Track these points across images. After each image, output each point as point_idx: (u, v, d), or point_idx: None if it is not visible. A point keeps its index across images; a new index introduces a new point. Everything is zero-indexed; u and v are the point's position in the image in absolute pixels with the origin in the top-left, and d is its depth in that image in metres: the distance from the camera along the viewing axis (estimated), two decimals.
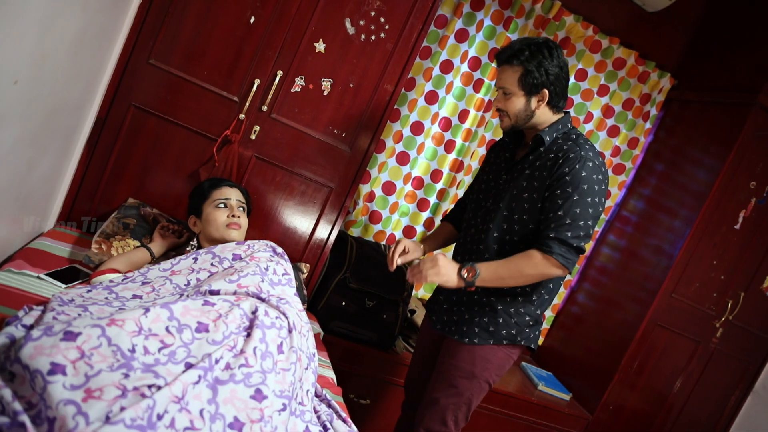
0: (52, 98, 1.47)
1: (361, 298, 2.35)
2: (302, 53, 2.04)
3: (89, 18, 1.52)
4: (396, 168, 2.77)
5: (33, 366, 0.97)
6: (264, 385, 1.15)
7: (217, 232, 1.74)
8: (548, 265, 1.60)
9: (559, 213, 1.59)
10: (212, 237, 1.75)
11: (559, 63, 1.66)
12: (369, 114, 2.17)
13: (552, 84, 1.66)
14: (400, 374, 2.43)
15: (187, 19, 1.94)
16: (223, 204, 1.77)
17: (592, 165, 1.61)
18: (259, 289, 1.41)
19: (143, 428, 0.94)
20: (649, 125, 3.11)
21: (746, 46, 2.80)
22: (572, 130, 1.73)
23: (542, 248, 1.60)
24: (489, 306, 1.75)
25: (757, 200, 2.79)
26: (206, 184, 1.83)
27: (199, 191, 1.83)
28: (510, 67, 1.66)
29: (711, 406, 3.12)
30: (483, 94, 2.78)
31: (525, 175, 1.70)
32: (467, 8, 2.66)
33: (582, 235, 1.60)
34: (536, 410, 2.72)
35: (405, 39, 2.12)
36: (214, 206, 1.76)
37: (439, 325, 1.86)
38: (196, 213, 1.81)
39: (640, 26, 2.99)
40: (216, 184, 1.83)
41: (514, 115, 1.70)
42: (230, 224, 1.74)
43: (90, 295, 1.38)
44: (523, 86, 1.66)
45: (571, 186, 1.59)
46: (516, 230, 1.70)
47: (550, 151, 1.68)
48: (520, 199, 1.69)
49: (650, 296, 2.77)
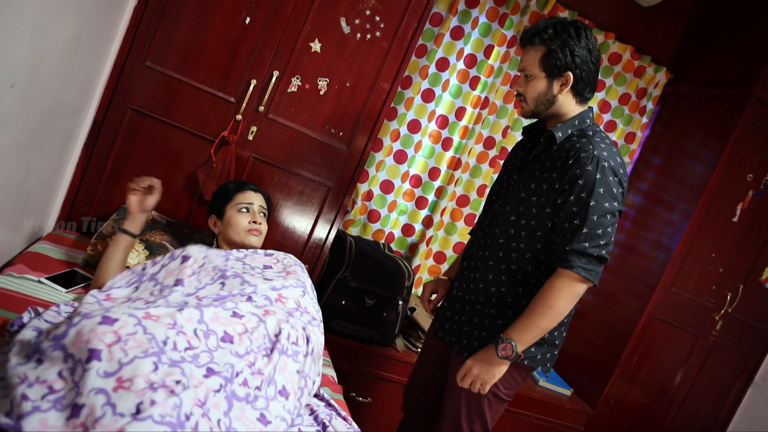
0: (48, 101, 1.47)
1: (361, 297, 2.35)
2: (298, 53, 2.05)
3: (85, 21, 1.52)
4: (394, 166, 2.77)
5: (76, 355, 1.02)
6: (267, 411, 1.18)
7: (237, 236, 1.72)
8: (571, 283, 1.46)
9: (575, 222, 1.45)
10: (232, 240, 1.73)
11: (587, 45, 1.51)
12: (366, 113, 2.17)
13: (578, 67, 1.51)
14: (400, 372, 2.44)
15: (183, 20, 1.94)
16: (246, 209, 1.75)
17: (607, 165, 1.45)
18: (298, 303, 1.45)
19: (173, 426, 0.95)
20: (646, 120, 3.12)
21: (741, 38, 2.81)
22: (590, 126, 1.57)
23: (561, 263, 1.47)
24: (488, 318, 1.63)
25: (755, 193, 2.80)
26: (231, 186, 1.82)
27: (223, 193, 1.81)
28: (532, 47, 1.53)
29: (712, 398, 3.13)
30: (479, 91, 2.78)
31: (534, 177, 1.56)
32: (462, 6, 2.66)
33: (602, 243, 1.46)
34: (537, 406, 2.73)
35: (400, 37, 2.12)
36: (236, 210, 1.74)
37: (440, 332, 1.76)
38: (218, 214, 1.79)
39: (635, 21, 3.00)
40: (241, 187, 1.81)
41: (533, 99, 1.56)
42: (251, 230, 1.72)
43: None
44: (545, 67, 1.52)
45: (585, 190, 1.44)
46: (522, 237, 1.56)
47: (561, 149, 1.53)
48: (527, 203, 1.56)
49: (649, 290, 2.78)
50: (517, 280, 1.59)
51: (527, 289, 1.58)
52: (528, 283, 1.58)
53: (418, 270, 2.90)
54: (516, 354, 1.48)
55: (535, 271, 1.57)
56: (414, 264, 2.88)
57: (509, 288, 1.60)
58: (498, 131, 2.88)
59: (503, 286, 1.60)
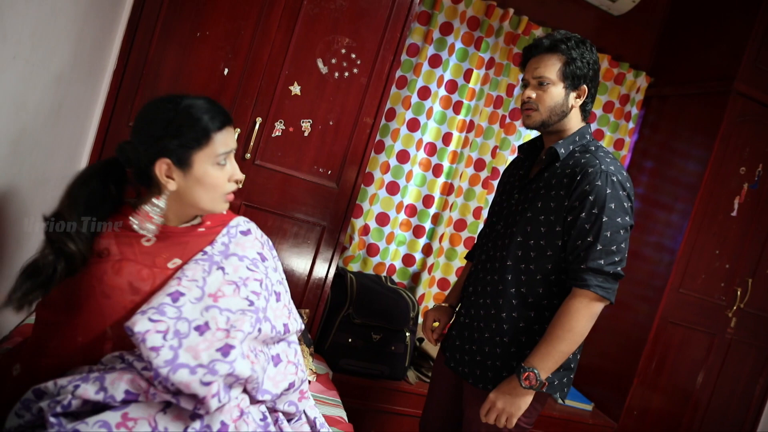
0: (33, 172, 1.48)
1: (367, 333, 2.33)
2: (279, 98, 2.07)
3: (64, 90, 1.54)
4: (387, 198, 2.78)
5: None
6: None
7: (210, 204, 1.14)
8: (589, 303, 1.41)
9: (588, 239, 1.41)
10: (195, 205, 1.14)
11: (597, 60, 1.54)
12: (352, 149, 2.18)
13: (591, 80, 1.53)
14: (415, 405, 2.39)
15: (162, 79, 1.97)
16: (224, 160, 1.13)
17: (615, 180, 1.42)
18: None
19: None
20: (633, 125, 3.13)
21: (716, 35, 2.84)
22: (591, 141, 1.55)
23: (576, 283, 1.42)
24: (501, 346, 1.55)
25: (750, 185, 2.79)
26: (206, 117, 1.09)
27: (192, 123, 1.08)
28: (553, 55, 1.51)
29: (737, 396, 3.06)
30: (464, 115, 2.81)
31: (540, 195, 1.52)
32: (437, 34, 2.71)
33: (617, 260, 1.42)
34: (560, 425, 2.67)
35: (378, 71, 2.15)
36: (214, 161, 1.11)
37: (452, 363, 1.68)
38: (177, 159, 1.09)
39: (608, 30, 3.04)
40: (223, 120, 1.12)
41: (548, 109, 1.52)
42: (229, 195, 1.17)
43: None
44: (566, 76, 1.50)
45: (597, 206, 1.41)
46: (532, 258, 1.51)
47: (566, 166, 1.49)
48: (536, 223, 1.50)
49: (658, 294, 2.75)
50: (528, 303, 1.53)
51: (539, 312, 1.53)
52: (540, 305, 1.53)
53: (422, 299, 2.88)
54: (540, 382, 1.42)
55: (547, 293, 1.52)
56: (418, 293, 2.86)
57: (520, 312, 1.54)
58: (487, 152, 2.90)
59: (514, 311, 1.54)
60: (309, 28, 2.06)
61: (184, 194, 1.12)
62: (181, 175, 1.10)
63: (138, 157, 1.10)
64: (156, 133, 1.08)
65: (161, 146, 1.07)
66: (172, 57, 1.97)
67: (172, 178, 1.10)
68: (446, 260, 2.95)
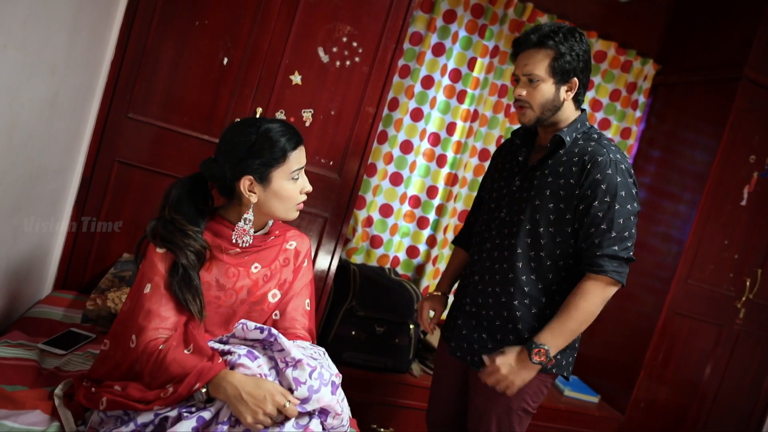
0: (29, 165, 1.46)
1: (371, 325, 2.31)
2: (279, 87, 2.04)
3: (59, 82, 1.52)
4: (391, 189, 2.75)
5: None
6: None
7: (284, 213, 1.32)
8: (604, 287, 1.46)
9: (603, 227, 1.45)
10: (272, 215, 1.34)
11: (587, 49, 1.52)
12: (354, 139, 2.15)
13: (581, 72, 1.51)
14: (420, 398, 2.37)
15: (161, 68, 1.94)
16: (298, 176, 1.32)
17: (624, 168, 1.47)
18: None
19: None
20: (639, 113, 3.08)
21: (726, 20, 2.78)
22: (592, 129, 1.58)
23: (591, 268, 1.46)
24: (513, 333, 1.57)
25: (760, 174, 2.74)
26: (283, 140, 1.27)
27: (271, 145, 1.26)
28: (540, 50, 1.49)
29: (745, 388, 3.03)
30: (468, 104, 2.76)
31: (547, 183, 1.53)
32: (440, 22, 2.66)
33: (629, 245, 1.47)
34: (565, 416, 2.65)
35: (380, 60, 2.11)
36: (289, 177, 1.29)
37: (459, 352, 1.67)
38: (259, 176, 1.27)
39: (615, 17, 2.98)
40: (297, 141, 1.30)
41: (540, 106, 1.52)
42: (300, 204, 1.35)
43: None
44: (554, 72, 1.49)
45: (609, 194, 1.44)
46: (542, 245, 1.53)
47: (572, 154, 1.51)
48: (544, 210, 1.52)
49: (665, 285, 2.72)
50: (539, 290, 1.56)
51: (550, 298, 1.56)
52: (550, 290, 1.56)
53: (426, 291, 2.86)
54: (549, 359, 1.48)
55: (557, 278, 1.55)
56: (422, 285, 2.84)
57: (533, 299, 1.56)
58: (491, 142, 2.86)
59: (526, 298, 1.56)
60: (309, 16, 2.02)
61: (262, 205, 1.30)
62: (261, 190, 1.28)
63: (224, 175, 1.28)
64: (240, 155, 1.25)
65: (245, 165, 1.25)
66: (171, 46, 1.94)
67: (254, 192, 1.28)
68: (450, 251, 2.92)
